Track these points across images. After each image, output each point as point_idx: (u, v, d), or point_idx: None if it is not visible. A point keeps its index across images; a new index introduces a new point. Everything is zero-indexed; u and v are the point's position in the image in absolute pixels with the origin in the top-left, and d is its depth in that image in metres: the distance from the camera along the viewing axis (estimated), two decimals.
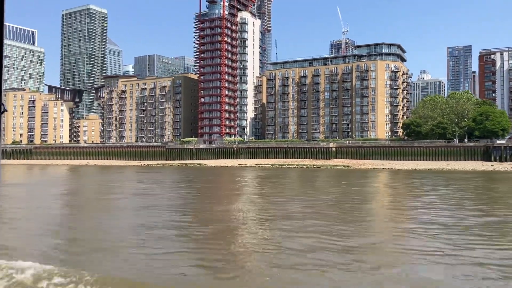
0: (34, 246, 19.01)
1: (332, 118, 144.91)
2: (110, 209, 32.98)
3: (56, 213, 30.46)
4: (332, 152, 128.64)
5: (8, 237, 21.06)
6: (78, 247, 18.81)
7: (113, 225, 24.77)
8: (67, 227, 24.97)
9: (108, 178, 72.63)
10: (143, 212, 29.65)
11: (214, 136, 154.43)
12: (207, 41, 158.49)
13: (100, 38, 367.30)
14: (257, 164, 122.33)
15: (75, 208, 33.60)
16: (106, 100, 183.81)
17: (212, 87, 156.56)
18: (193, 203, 37.11)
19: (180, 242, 20.15)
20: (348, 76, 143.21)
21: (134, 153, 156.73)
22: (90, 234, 21.98)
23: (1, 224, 24.95)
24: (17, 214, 28.61)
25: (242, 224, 25.21)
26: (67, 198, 42.09)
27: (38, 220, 26.83)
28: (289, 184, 59.26)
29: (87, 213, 30.28)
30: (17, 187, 53.50)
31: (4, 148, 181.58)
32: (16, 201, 37.55)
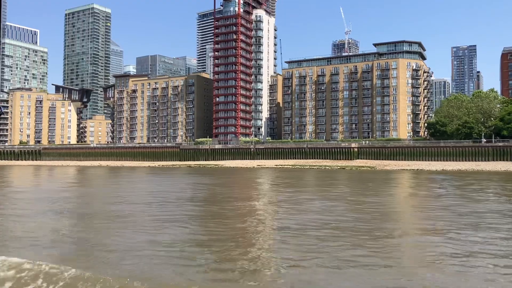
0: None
1: (351, 118, 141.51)
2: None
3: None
4: (354, 152, 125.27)
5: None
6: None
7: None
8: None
9: (130, 184, 68.93)
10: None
11: (229, 137, 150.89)
12: (222, 40, 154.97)
13: (104, 37, 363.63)
14: (277, 165, 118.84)
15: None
16: (117, 100, 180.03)
17: (227, 86, 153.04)
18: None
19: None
20: (368, 74, 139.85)
21: (147, 154, 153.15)
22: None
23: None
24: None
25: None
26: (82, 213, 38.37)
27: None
28: (326, 188, 55.73)
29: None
30: (21, 195, 49.84)
31: (12, 149, 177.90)
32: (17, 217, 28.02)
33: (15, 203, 36.08)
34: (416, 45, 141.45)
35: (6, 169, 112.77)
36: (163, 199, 38.09)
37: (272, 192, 46.65)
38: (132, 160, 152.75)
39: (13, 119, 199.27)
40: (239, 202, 36.14)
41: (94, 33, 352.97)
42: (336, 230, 22.47)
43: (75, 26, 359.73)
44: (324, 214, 28.48)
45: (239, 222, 25.93)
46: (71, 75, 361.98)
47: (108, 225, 24.47)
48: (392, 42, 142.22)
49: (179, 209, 31.20)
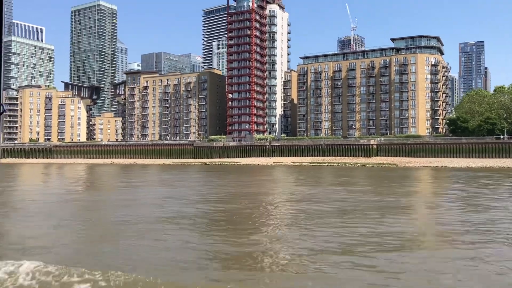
0: None
1: (369, 114, 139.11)
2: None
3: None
4: (373, 149, 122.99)
5: None
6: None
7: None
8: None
9: (147, 188, 66.59)
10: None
11: (243, 134, 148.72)
12: (236, 35, 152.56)
13: (110, 34, 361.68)
14: (294, 162, 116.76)
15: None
16: (128, 97, 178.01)
17: (241, 83, 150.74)
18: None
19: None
20: (386, 70, 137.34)
21: (160, 151, 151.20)
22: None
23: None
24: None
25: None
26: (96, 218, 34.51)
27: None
28: (353, 190, 53.42)
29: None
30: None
31: (23, 146, 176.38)
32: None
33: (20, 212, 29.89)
34: (435, 40, 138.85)
35: (16, 167, 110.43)
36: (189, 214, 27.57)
37: (317, 201, 44.43)
38: (144, 157, 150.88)
39: (22, 117, 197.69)
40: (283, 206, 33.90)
41: (100, 30, 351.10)
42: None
43: (81, 23, 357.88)
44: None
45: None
46: (78, 72, 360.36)
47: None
48: (410, 37, 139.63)
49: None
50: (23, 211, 30.07)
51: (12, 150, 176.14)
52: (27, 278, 12.30)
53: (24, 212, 29.51)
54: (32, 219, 25.78)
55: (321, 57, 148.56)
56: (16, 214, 28.88)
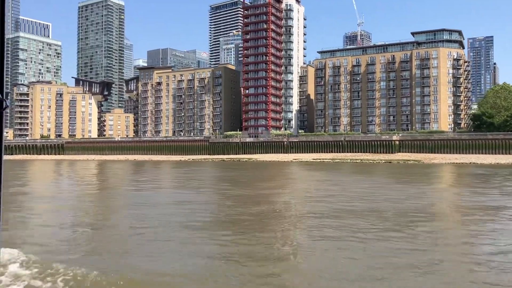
0: None
1: (389, 110, 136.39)
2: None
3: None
4: (395, 145, 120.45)
5: None
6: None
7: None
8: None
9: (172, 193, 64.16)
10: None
11: (260, 130, 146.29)
12: (252, 29, 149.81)
13: (118, 30, 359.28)
14: (315, 158, 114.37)
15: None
16: (141, 93, 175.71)
17: (257, 78, 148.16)
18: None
19: None
20: (407, 64, 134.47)
21: (174, 147, 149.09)
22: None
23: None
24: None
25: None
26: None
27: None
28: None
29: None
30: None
31: (34, 143, 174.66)
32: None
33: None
34: (456, 34, 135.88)
35: (27, 164, 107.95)
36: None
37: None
38: (158, 154, 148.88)
39: (33, 113, 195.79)
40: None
41: (108, 26, 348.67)
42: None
43: (88, 19, 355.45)
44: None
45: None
46: (85, 68, 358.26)
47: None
48: (431, 31, 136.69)
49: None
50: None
51: (23, 147, 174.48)
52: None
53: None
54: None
55: (339, 51, 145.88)
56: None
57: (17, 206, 28.52)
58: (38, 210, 27.98)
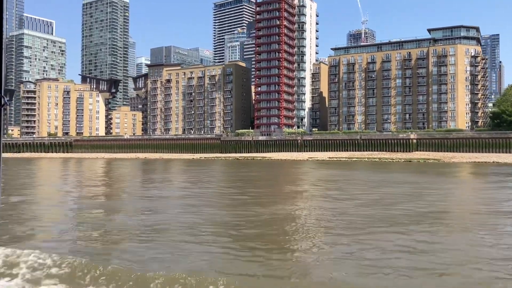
0: None
1: (405, 107, 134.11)
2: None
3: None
4: (412, 144, 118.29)
5: None
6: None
7: None
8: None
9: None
10: None
11: (272, 128, 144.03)
12: (264, 26, 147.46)
13: (122, 28, 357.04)
14: (331, 157, 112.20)
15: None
16: (150, 90, 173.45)
17: (270, 75, 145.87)
18: None
19: None
20: (424, 61, 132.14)
21: (185, 146, 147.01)
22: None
23: None
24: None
25: None
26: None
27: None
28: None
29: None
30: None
31: (42, 141, 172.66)
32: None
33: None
34: (474, 30, 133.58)
35: (34, 163, 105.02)
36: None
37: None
38: (168, 152, 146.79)
39: (40, 110, 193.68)
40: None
41: (112, 23, 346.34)
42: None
43: (93, 17, 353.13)
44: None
45: None
46: (90, 66, 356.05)
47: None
48: (448, 27, 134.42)
49: None
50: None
51: (31, 144, 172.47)
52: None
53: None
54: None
55: (354, 48, 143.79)
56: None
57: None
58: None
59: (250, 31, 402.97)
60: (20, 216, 23.30)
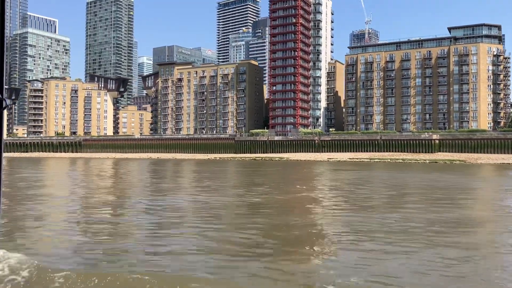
0: None
1: (425, 107, 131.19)
2: None
3: None
4: (435, 144, 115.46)
5: None
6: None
7: None
8: None
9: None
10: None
11: (288, 128, 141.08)
12: (280, 24, 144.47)
13: (127, 26, 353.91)
14: (351, 158, 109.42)
15: None
16: (161, 89, 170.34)
17: (285, 74, 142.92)
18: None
19: None
20: (444, 60, 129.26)
21: (198, 146, 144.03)
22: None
23: None
24: None
25: None
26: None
27: None
28: None
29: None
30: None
31: (50, 140, 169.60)
32: None
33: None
34: (496, 29, 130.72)
35: (41, 163, 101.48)
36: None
37: None
38: (181, 152, 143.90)
39: (48, 109, 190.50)
40: None
41: (117, 22, 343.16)
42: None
43: (97, 15, 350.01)
44: None
45: None
46: (94, 65, 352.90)
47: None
48: (470, 26, 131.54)
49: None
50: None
51: (39, 144, 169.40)
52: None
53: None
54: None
55: (371, 46, 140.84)
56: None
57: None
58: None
59: (256, 30, 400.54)
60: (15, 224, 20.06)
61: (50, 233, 18.49)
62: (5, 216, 21.03)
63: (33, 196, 32.36)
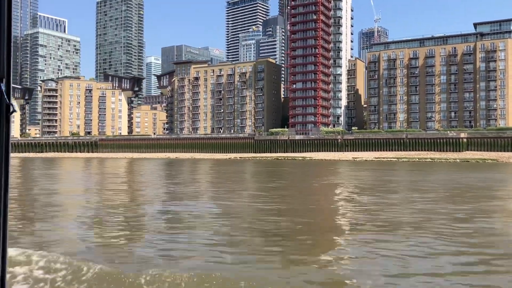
0: None
1: (450, 105, 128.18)
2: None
3: None
4: (462, 143, 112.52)
5: None
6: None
7: None
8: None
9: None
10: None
11: (309, 126, 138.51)
12: (300, 20, 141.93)
13: (137, 26, 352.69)
14: (376, 157, 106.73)
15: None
16: (177, 88, 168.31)
17: (306, 72, 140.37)
18: None
19: None
20: (470, 57, 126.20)
21: (215, 145, 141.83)
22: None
23: None
24: None
25: None
26: None
27: None
28: None
29: None
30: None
31: (66, 140, 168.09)
32: None
33: None
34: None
35: (56, 164, 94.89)
36: None
37: None
38: (199, 152, 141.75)
39: (62, 109, 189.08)
40: None
41: (127, 21, 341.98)
42: None
43: (107, 15, 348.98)
44: None
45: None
46: (104, 65, 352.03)
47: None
48: (497, 21, 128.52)
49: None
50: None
51: (54, 144, 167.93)
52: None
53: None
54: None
55: (394, 43, 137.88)
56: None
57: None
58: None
59: (266, 29, 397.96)
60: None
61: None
62: (18, 216, 20.90)
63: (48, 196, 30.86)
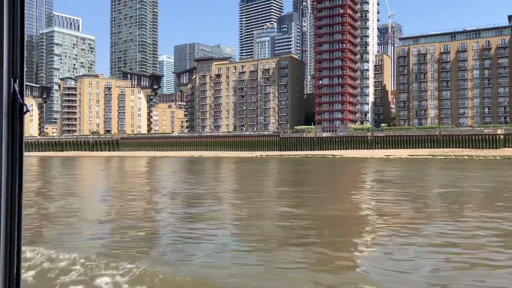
0: None
1: (483, 101, 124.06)
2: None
3: None
4: (500, 140, 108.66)
5: None
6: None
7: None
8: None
9: None
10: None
11: (337, 123, 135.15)
12: (326, 15, 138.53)
13: (152, 24, 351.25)
14: (410, 155, 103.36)
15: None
16: (199, 86, 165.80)
17: (332, 67, 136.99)
18: None
19: None
20: (505, 50, 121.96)
21: (239, 143, 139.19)
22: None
23: None
24: None
25: None
26: None
27: None
28: None
29: None
30: None
31: (86, 139, 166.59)
32: None
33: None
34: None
35: (76, 163, 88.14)
36: None
37: None
38: (221, 150, 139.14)
39: (82, 108, 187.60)
40: None
41: (141, 19, 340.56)
42: None
43: (121, 13, 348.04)
44: None
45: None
46: (119, 63, 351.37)
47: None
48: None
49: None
50: None
51: (75, 143, 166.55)
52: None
53: None
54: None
55: (424, 37, 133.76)
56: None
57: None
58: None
59: (281, 25, 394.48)
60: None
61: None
62: (34, 214, 21.09)
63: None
